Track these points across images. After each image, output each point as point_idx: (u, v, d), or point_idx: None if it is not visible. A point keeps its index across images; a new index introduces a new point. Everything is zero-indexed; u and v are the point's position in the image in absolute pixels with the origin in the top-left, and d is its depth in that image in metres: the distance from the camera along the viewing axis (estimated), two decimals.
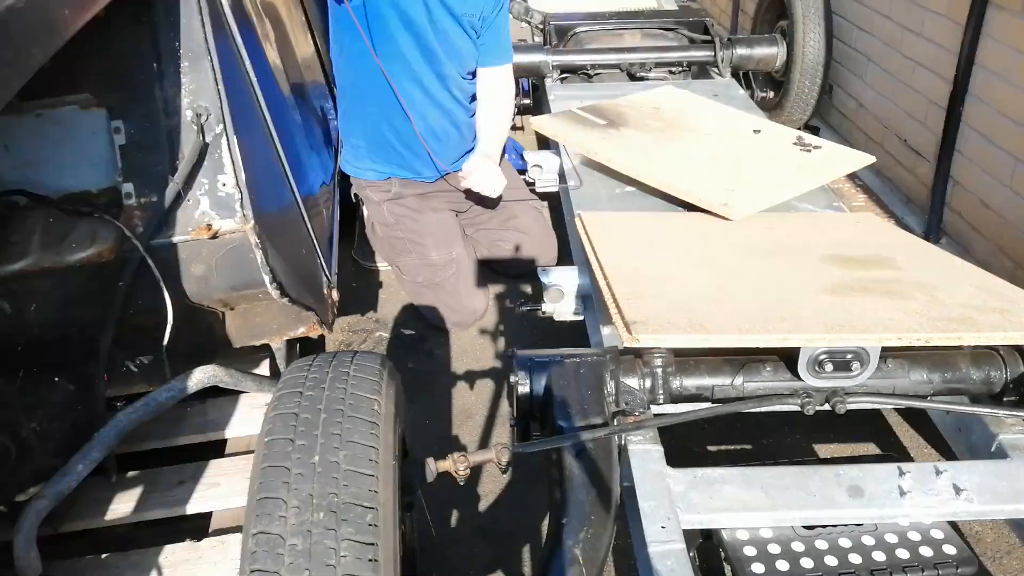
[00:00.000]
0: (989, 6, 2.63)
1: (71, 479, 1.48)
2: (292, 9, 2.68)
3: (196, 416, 1.84)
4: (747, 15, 4.70)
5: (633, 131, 2.52)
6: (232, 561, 1.49)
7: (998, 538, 1.87)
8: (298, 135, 2.24)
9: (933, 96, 3.01)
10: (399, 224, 2.59)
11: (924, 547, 1.28)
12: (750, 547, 1.28)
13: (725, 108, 2.70)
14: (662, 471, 1.35)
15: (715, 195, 2.04)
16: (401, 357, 2.53)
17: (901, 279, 1.64)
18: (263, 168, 1.78)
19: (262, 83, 1.86)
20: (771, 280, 1.62)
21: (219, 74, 1.57)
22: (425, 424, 2.26)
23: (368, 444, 1.18)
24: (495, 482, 2.05)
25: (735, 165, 2.24)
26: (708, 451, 2.11)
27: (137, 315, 1.62)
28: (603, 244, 1.81)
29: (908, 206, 3.24)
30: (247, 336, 1.86)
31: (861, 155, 2.25)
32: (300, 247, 1.97)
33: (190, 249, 1.59)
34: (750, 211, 1.97)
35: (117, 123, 1.56)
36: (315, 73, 2.79)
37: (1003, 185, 2.62)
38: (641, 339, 1.37)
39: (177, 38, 1.56)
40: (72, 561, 1.51)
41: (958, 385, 1.51)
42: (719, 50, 3.40)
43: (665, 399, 1.48)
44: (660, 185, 2.15)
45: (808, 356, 1.40)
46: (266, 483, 1.12)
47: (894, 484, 1.32)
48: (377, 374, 1.33)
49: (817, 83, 3.50)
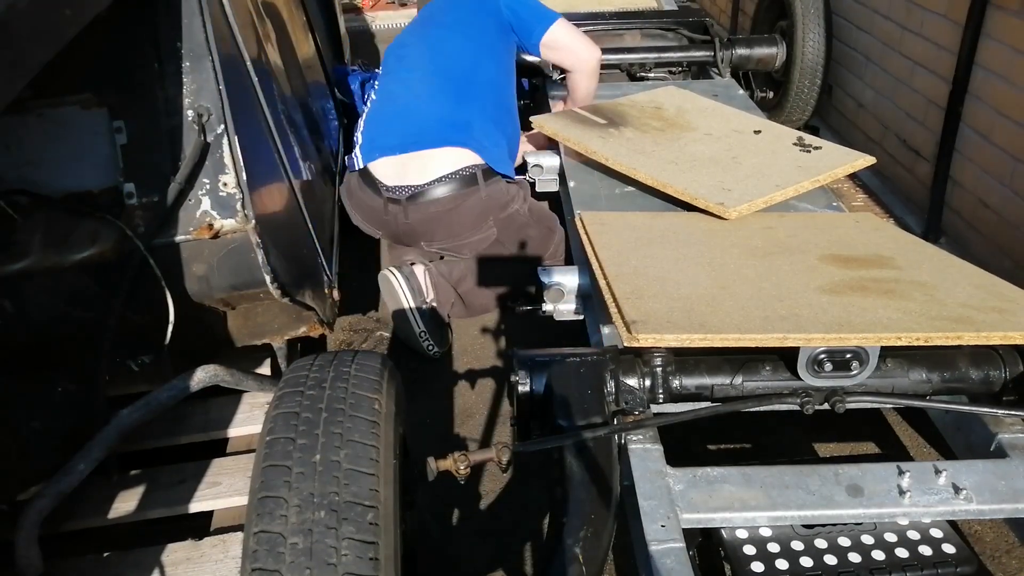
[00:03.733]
0: (989, 6, 2.64)
1: (72, 478, 1.48)
2: (293, 9, 2.68)
3: (197, 415, 1.84)
4: (747, 15, 4.71)
5: (633, 130, 2.52)
6: (233, 560, 1.49)
7: (997, 537, 1.87)
8: (299, 135, 2.24)
9: (932, 96, 3.01)
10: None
11: (923, 546, 1.29)
12: (749, 546, 1.29)
13: (727, 108, 2.70)
14: (662, 470, 1.35)
15: (711, 194, 2.04)
16: (402, 356, 2.53)
17: (900, 279, 1.64)
18: (264, 168, 1.78)
19: (263, 83, 1.87)
20: (771, 280, 1.63)
21: (220, 74, 1.58)
22: (426, 423, 2.27)
23: (369, 443, 1.19)
24: (496, 481, 2.05)
25: (733, 165, 2.24)
26: (708, 450, 2.11)
27: (138, 315, 1.62)
28: (603, 244, 1.82)
29: (907, 206, 3.25)
30: (248, 335, 1.87)
31: (861, 156, 2.26)
32: (301, 247, 1.98)
33: (191, 249, 1.60)
34: (745, 211, 1.98)
35: (118, 123, 1.56)
36: (316, 73, 2.80)
37: (1002, 185, 2.63)
38: (641, 339, 1.37)
39: (178, 38, 1.56)
40: (73, 560, 1.52)
41: (957, 384, 1.52)
42: (719, 50, 3.40)
43: (665, 398, 1.48)
44: (656, 184, 2.16)
45: (807, 356, 1.41)
46: (267, 482, 1.12)
47: (893, 483, 1.33)
48: (378, 373, 1.33)
49: (817, 83, 3.50)
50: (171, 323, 1.62)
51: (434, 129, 2.45)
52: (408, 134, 2.47)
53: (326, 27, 3.59)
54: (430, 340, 2.49)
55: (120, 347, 1.66)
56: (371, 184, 2.48)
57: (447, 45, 2.68)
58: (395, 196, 2.43)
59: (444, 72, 2.60)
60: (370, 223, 2.59)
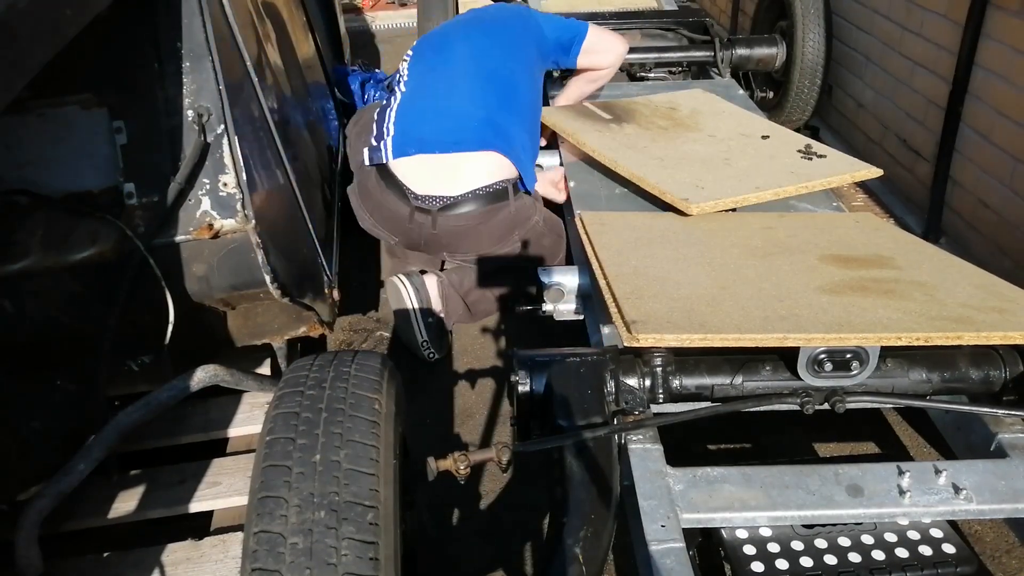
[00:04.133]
0: (989, 6, 2.64)
1: (72, 478, 1.48)
2: (293, 9, 2.68)
3: (197, 415, 1.84)
4: (747, 15, 4.71)
5: (635, 127, 2.52)
6: (233, 560, 1.49)
7: (997, 537, 1.87)
8: (299, 135, 2.24)
9: (932, 96, 3.01)
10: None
11: (923, 546, 1.29)
12: (749, 546, 1.29)
13: (744, 113, 2.67)
14: (662, 470, 1.35)
15: (680, 189, 2.04)
16: (402, 357, 2.53)
17: (900, 279, 1.64)
18: (264, 168, 1.78)
19: (263, 83, 1.87)
20: (771, 280, 1.63)
21: (220, 74, 1.58)
22: (426, 423, 2.27)
23: (369, 443, 1.19)
24: (496, 481, 2.05)
25: (722, 166, 2.24)
26: (708, 450, 2.11)
27: (138, 314, 1.62)
28: (603, 244, 1.82)
29: (907, 206, 3.25)
30: (248, 335, 1.87)
31: (864, 167, 2.23)
32: (301, 246, 1.98)
33: (191, 249, 1.60)
34: (709, 208, 1.98)
35: (119, 123, 1.56)
36: (316, 73, 2.80)
37: (1002, 185, 2.63)
38: (641, 338, 1.37)
39: (179, 38, 1.56)
40: (73, 560, 1.52)
41: (957, 384, 1.52)
42: (719, 50, 3.40)
43: (665, 398, 1.48)
44: (633, 177, 2.18)
45: (807, 356, 1.41)
46: (267, 482, 1.12)
47: (893, 483, 1.33)
48: (378, 373, 1.33)
49: (816, 83, 3.50)
50: (171, 323, 1.62)
51: (475, 130, 2.37)
52: (447, 130, 2.37)
53: (326, 27, 3.59)
54: (431, 348, 2.47)
55: (120, 347, 1.66)
56: (396, 188, 2.37)
57: (492, 53, 2.62)
58: (424, 206, 2.33)
59: (488, 78, 2.53)
60: (387, 229, 2.49)
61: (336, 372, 1.30)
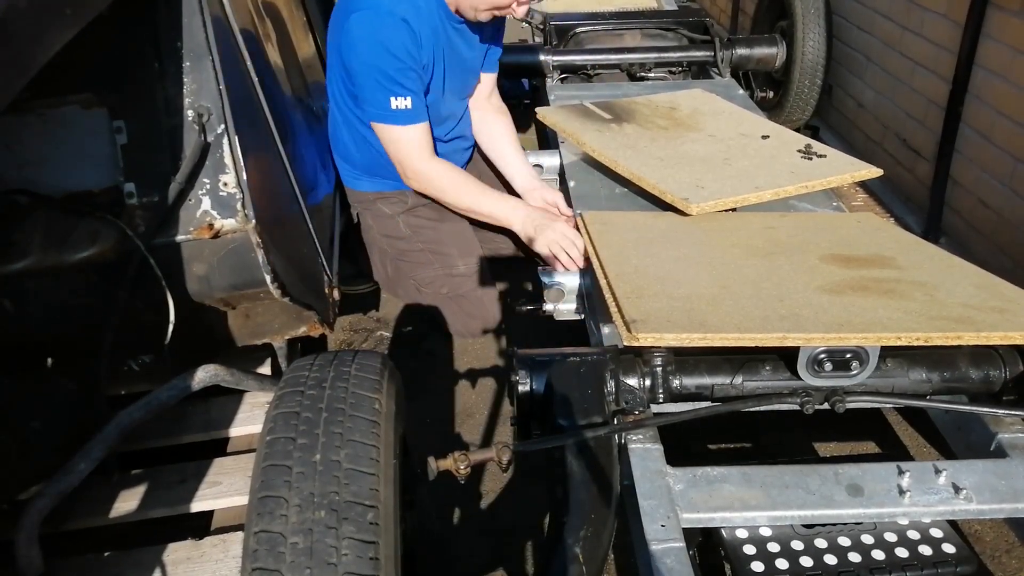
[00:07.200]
0: (989, 6, 2.64)
1: (73, 478, 1.48)
2: (293, 9, 2.68)
3: (198, 415, 1.84)
4: (747, 15, 4.71)
5: (635, 127, 2.52)
6: (233, 559, 1.49)
7: (997, 537, 1.87)
8: (300, 134, 2.24)
9: (932, 96, 3.01)
10: (417, 236, 2.48)
11: (923, 546, 1.29)
12: (749, 545, 1.29)
13: (745, 113, 2.67)
14: (662, 469, 1.36)
15: (680, 189, 2.05)
16: (402, 356, 2.53)
17: (900, 279, 1.64)
18: (264, 168, 1.78)
19: (263, 83, 1.87)
20: (771, 279, 1.63)
21: (220, 74, 1.58)
22: (426, 423, 2.27)
23: (369, 443, 1.19)
24: (496, 480, 2.05)
25: (722, 165, 2.24)
26: (708, 450, 2.11)
27: (139, 314, 1.62)
28: (603, 243, 1.82)
29: (907, 206, 3.25)
30: (249, 335, 1.87)
31: (864, 167, 2.23)
32: (301, 246, 1.98)
33: (192, 249, 1.60)
34: (709, 208, 1.99)
35: (119, 123, 1.56)
36: (316, 73, 2.79)
37: (1002, 185, 2.63)
38: (641, 338, 1.37)
39: (179, 38, 1.56)
40: (73, 559, 1.52)
41: (957, 384, 1.52)
42: (719, 50, 3.40)
43: (665, 398, 1.48)
44: (632, 176, 2.18)
45: (807, 355, 1.41)
46: (267, 481, 1.12)
47: (893, 483, 1.33)
48: (378, 373, 1.33)
49: (817, 83, 3.50)
50: (171, 323, 1.62)
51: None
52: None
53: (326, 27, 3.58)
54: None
55: (120, 347, 1.66)
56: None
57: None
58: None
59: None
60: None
61: (336, 372, 1.31)
